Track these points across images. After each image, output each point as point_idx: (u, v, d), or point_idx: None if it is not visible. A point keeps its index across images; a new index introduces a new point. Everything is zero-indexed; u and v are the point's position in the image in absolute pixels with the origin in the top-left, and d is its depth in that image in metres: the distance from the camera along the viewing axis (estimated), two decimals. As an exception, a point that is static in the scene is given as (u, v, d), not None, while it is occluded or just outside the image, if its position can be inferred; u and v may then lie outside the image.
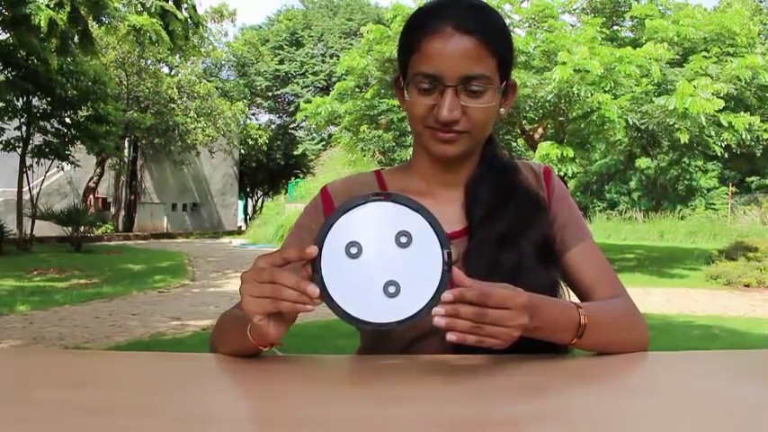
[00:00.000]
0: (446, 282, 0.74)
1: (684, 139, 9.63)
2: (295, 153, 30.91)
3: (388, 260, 0.73)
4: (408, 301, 0.72)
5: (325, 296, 0.74)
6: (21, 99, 13.36)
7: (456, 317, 0.76)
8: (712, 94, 9.32)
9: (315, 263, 0.75)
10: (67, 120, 14.25)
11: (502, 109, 1.02)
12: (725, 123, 9.64)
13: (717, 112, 9.34)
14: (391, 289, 0.72)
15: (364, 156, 14.85)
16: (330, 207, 1.06)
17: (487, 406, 0.71)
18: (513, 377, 0.83)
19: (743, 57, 10.17)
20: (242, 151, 28.35)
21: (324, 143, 27.70)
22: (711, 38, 10.83)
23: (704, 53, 10.62)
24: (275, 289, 0.77)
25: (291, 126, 31.92)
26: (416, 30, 0.97)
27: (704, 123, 9.45)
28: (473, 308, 0.76)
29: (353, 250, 0.74)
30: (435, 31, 0.94)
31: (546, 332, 0.86)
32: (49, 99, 13.52)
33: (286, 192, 25.03)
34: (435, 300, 0.73)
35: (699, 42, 10.84)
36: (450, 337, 0.76)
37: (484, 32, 0.94)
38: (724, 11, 12.58)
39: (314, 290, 0.75)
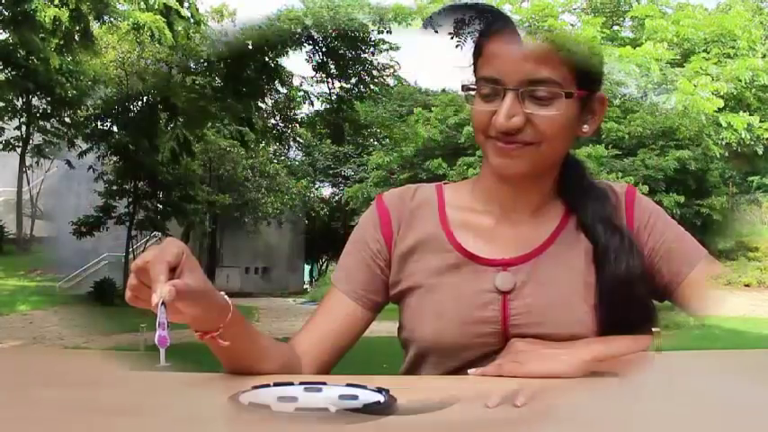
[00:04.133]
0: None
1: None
2: (351, 224, 31.74)
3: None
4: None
5: None
6: (21, 99, 13.36)
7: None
8: (712, 93, 9.32)
9: None
10: (67, 119, 14.25)
11: (586, 126, 0.90)
12: (724, 123, 9.64)
13: (716, 112, 9.33)
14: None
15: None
16: (387, 222, 0.97)
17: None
18: (514, 377, 0.83)
19: (743, 59, 10.16)
20: (305, 222, 30.35)
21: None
22: (712, 39, 10.82)
23: (704, 54, 10.60)
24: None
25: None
26: (482, 32, 0.90)
27: (704, 122, 9.44)
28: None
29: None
30: (498, 31, 0.87)
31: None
32: (49, 99, 13.52)
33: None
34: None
35: (699, 43, 10.83)
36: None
37: (553, 33, 0.87)
38: (724, 11, 12.56)
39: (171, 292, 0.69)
